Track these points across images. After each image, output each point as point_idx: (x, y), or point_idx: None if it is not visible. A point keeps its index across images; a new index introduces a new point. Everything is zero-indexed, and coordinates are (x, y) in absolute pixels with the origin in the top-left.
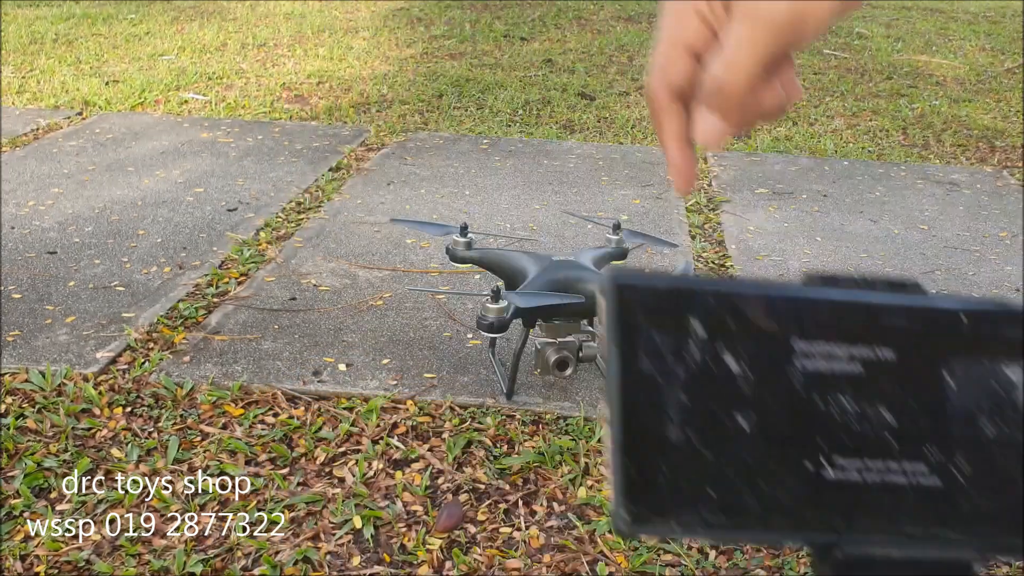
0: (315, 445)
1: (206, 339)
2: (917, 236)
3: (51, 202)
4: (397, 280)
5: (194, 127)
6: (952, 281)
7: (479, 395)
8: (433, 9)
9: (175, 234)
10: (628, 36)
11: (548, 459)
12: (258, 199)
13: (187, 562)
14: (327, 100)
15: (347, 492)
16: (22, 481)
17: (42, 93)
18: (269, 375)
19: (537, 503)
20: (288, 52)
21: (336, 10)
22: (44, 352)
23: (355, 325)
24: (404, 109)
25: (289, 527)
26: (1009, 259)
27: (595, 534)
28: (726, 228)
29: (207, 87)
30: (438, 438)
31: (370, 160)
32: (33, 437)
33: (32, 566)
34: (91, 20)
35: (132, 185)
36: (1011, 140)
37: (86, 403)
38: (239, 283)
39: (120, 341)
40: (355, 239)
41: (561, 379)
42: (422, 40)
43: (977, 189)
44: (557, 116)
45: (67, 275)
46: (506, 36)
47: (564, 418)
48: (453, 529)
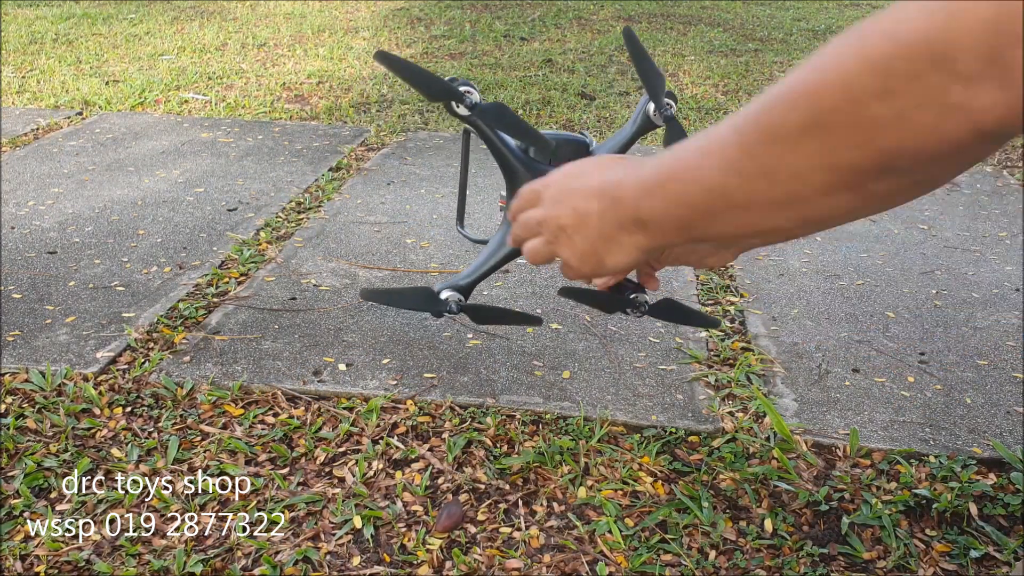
0: (315, 445)
1: (206, 339)
2: (917, 236)
3: (51, 202)
4: (397, 280)
5: (194, 127)
6: (952, 281)
7: (479, 395)
8: (433, 9)
9: (175, 234)
10: None
11: (548, 459)
12: (258, 199)
13: (187, 562)
14: (327, 100)
15: (347, 492)
16: (22, 481)
17: (42, 93)
18: (269, 375)
19: (537, 503)
20: (288, 52)
21: (336, 10)
22: (44, 352)
23: (355, 325)
24: (404, 109)
25: (289, 527)
26: (1009, 259)
27: (595, 534)
28: None
29: (207, 87)
30: (438, 438)
31: (370, 160)
32: (33, 437)
33: (32, 566)
34: (91, 20)
35: (132, 185)
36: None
37: (86, 403)
38: (239, 283)
39: (120, 341)
40: (355, 239)
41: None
42: (422, 40)
43: (977, 189)
44: (557, 116)
45: (67, 275)
46: (506, 36)
47: (564, 418)
48: (453, 529)
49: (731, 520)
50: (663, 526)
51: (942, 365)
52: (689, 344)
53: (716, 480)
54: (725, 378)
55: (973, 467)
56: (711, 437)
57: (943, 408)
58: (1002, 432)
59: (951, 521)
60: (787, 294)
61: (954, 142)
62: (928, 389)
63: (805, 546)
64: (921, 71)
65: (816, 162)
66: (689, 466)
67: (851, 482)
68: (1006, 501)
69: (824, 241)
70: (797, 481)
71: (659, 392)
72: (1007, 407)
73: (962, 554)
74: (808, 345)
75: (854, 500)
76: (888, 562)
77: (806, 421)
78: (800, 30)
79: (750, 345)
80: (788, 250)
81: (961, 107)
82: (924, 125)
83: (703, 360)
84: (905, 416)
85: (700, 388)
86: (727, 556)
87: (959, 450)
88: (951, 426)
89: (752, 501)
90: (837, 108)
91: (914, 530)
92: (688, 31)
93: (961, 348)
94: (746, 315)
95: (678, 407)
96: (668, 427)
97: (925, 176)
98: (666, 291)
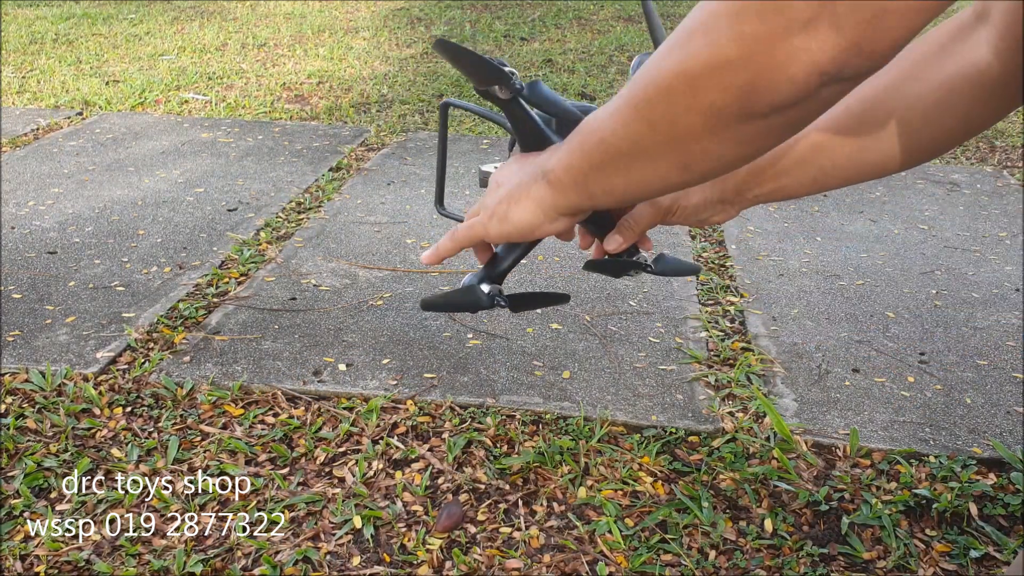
0: (315, 445)
1: (206, 339)
2: (917, 236)
3: (51, 202)
4: (397, 280)
5: (194, 127)
6: (952, 281)
7: (479, 395)
8: (433, 9)
9: (175, 234)
10: (628, 36)
11: (548, 459)
12: (258, 199)
13: (187, 562)
14: (327, 100)
15: (347, 492)
16: (22, 481)
17: (42, 93)
18: (269, 375)
19: (537, 503)
20: (288, 52)
21: (336, 10)
22: (44, 352)
23: (355, 325)
24: (404, 109)
25: (289, 527)
26: (1009, 259)
27: (595, 534)
28: (726, 228)
29: (207, 87)
30: (438, 438)
31: (370, 160)
32: (33, 437)
33: (32, 566)
34: (91, 20)
35: (132, 185)
36: (1011, 140)
37: (86, 403)
38: (239, 283)
39: (120, 341)
40: (355, 239)
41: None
42: (422, 40)
43: (977, 189)
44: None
45: (67, 275)
46: (506, 36)
47: (564, 418)
48: (453, 529)
49: (731, 520)
50: (663, 526)
51: (942, 365)
52: (689, 344)
53: (716, 480)
54: (725, 378)
55: (973, 467)
56: (711, 437)
57: (943, 408)
58: (1002, 432)
59: (951, 521)
60: (787, 294)
61: (801, 83)
62: (928, 389)
63: (805, 546)
64: (764, 17)
65: (683, 106)
66: (689, 466)
67: (851, 482)
68: (1006, 501)
69: (824, 241)
70: (797, 481)
71: (659, 392)
72: (1007, 407)
73: (962, 554)
74: (808, 345)
75: (854, 500)
76: (888, 562)
77: (806, 421)
78: None
79: (750, 345)
80: (788, 250)
81: (802, 49)
82: (771, 67)
83: (703, 360)
84: (905, 416)
85: (700, 388)
86: (727, 556)
87: (959, 450)
88: (951, 426)
89: (752, 501)
90: (698, 53)
91: (914, 530)
92: None
93: (961, 348)
94: (746, 315)
95: (678, 407)
96: (668, 427)
97: (787, 118)
98: (666, 291)
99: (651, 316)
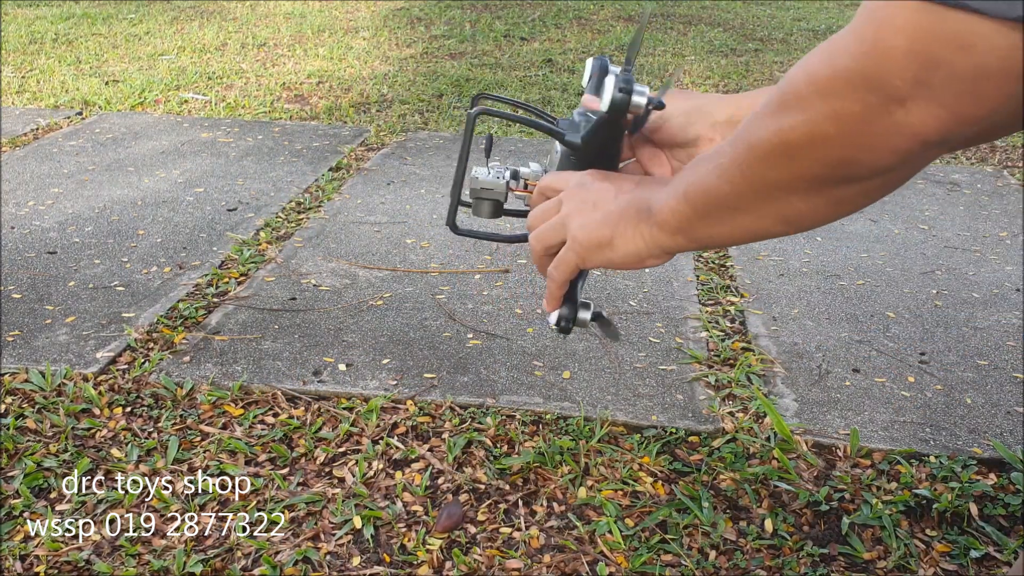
0: (315, 445)
1: (206, 339)
2: (917, 236)
3: (51, 202)
4: (397, 280)
5: (194, 127)
6: (952, 281)
7: (479, 395)
8: (433, 9)
9: (175, 234)
10: (628, 36)
11: (548, 459)
12: (258, 199)
13: (187, 562)
14: (327, 100)
15: (347, 492)
16: (22, 481)
17: (42, 93)
18: (269, 375)
19: (537, 503)
20: (288, 52)
21: (336, 10)
22: (44, 352)
23: (355, 325)
24: (404, 109)
25: (289, 527)
26: (1009, 259)
27: (595, 534)
28: None
29: (207, 87)
30: (438, 438)
31: (370, 160)
32: (33, 437)
33: (32, 566)
34: (91, 20)
35: (132, 185)
36: (1011, 140)
37: (86, 403)
38: (239, 283)
39: (120, 341)
40: (355, 239)
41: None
42: (422, 40)
43: (977, 189)
44: (557, 116)
45: (67, 275)
46: (506, 36)
47: (564, 418)
48: (453, 529)
49: (731, 520)
50: (663, 526)
51: (942, 365)
52: (689, 344)
53: (716, 480)
54: (725, 378)
55: (973, 467)
56: (711, 437)
57: (943, 408)
58: (1002, 432)
59: (951, 521)
60: (787, 294)
61: (903, 152)
62: (928, 389)
63: (805, 546)
64: (859, 96)
65: (783, 171)
66: (689, 466)
67: (851, 482)
68: (1006, 501)
69: (824, 241)
70: (797, 481)
71: (659, 392)
72: (1007, 407)
73: (962, 554)
74: (808, 345)
75: (854, 500)
76: (888, 562)
77: (806, 421)
78: (800, 30)
79: (750, 345)
80: (788, 250)
81: (903, 124)
82: (872, 143)
83: (703, 360)
84: (905, 416)
85: (700, 388)
86: (727, 556)
87: (959, 450)
88: (951, 426)
89: (752, 501)
90: (795, 127)
91: (914, 530)
92: (688, 31)
93: (961, 348)
94: (746, 315)
95: (678, 407)
96: (668, 427)
97: (885, 180)
98: (666, 291)
99: (651, 316)
